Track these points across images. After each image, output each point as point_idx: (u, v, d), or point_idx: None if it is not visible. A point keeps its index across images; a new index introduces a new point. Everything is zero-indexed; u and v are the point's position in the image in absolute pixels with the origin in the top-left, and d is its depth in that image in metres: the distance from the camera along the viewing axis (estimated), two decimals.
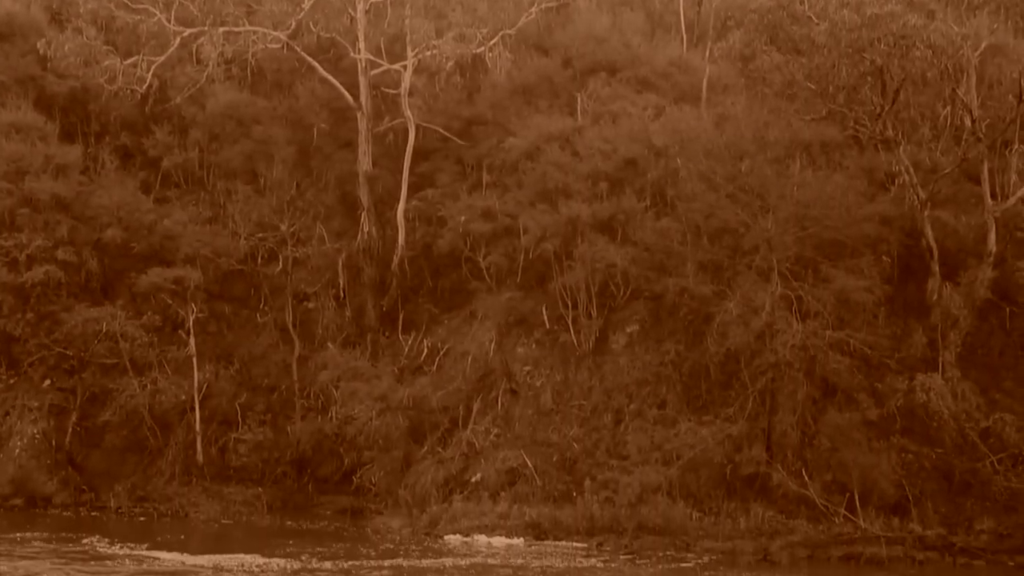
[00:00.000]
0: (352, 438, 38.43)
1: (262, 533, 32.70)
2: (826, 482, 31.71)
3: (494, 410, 38.55)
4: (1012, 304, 33.89)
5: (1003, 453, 30.89)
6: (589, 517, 32.90)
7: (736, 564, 27.60)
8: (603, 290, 38.20)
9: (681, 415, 35.26)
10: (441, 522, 34.36)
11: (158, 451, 39.64)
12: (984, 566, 27.40)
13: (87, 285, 42.02)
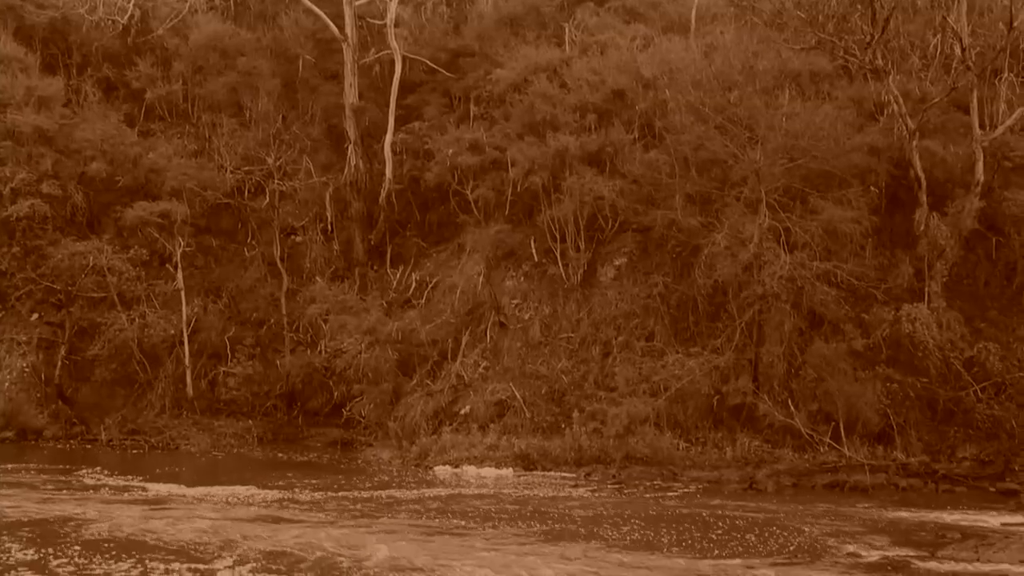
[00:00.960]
0: (341, 371, 38.56)
1: (254, 465, 32.92)
2: (811, 412, 31.95)
3: (483, 343, 38.66)
4: (998, 234, 33.93)
5: (986, 382, 31.15)
6: (577, 448, 33.13)
7: (722, 493, 27.91)
8: (591, 223, 38.14)
9: (669, 347, 35.38)
10: (431, 454, 34.59)
11: (148, 384, 39.76)
12: (966, 492, 27.78)
13: (73, 219, 41.85)
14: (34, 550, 16.00)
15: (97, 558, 15.36)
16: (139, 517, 19.80)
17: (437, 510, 22.81)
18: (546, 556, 16.69)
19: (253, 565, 15.09)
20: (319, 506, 23.02)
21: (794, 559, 17.27)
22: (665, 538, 19.37)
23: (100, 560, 15.22)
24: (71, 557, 15.41)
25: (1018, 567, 16.67)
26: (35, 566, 14.69)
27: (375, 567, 15.29)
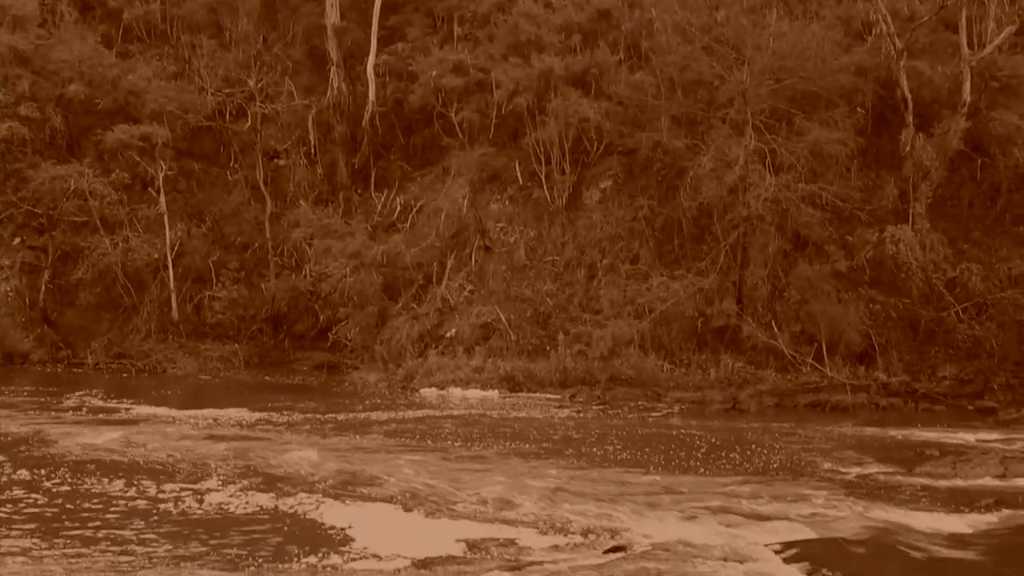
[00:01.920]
0: (327, 295, 38.53)
1: (241, 388, 33.07)
2: (795, 333, 32.17)
3: (468, 266, 38.64)
4: (984, 155, 33.86)
5: (968, 302, 31.38)
6: (562, 370, 33.34)
7: (705, 413, 28.21)
8: (576, 145, 37.90)
9: (653, 269, 35.45)
10: (417, 376, 34.78)
11: (133, 309, 39.72)
12: (945, 410, 28.14)
13: (52, 142, 41.37)
14: (26, 470, 16.10)
15: (89, 478, 15.47)
16: (129, 439, 19.92)
17: (423, 431, 23.02)
18: (529, 474, 16.89)
19: (243, 484, 15.24)
20: (307, 428, 23.20)
21: (776, 476, 17.53)
22: (649, 456, 19.62)
23: (92, 480, 15.34)
24: (63, 478, 15.51)
25: (994, 481, 16.97)
26: (28, 486, 14.78)
27: (361, 485, 15.46)
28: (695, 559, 10.81)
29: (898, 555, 11.33)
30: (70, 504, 13.71)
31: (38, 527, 12.17)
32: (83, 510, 13.33)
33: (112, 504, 13.80)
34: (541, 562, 11.11)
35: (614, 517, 13.61)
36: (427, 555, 11.37)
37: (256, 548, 11.47)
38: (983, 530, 13.02)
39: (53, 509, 13.32)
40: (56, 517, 12.80)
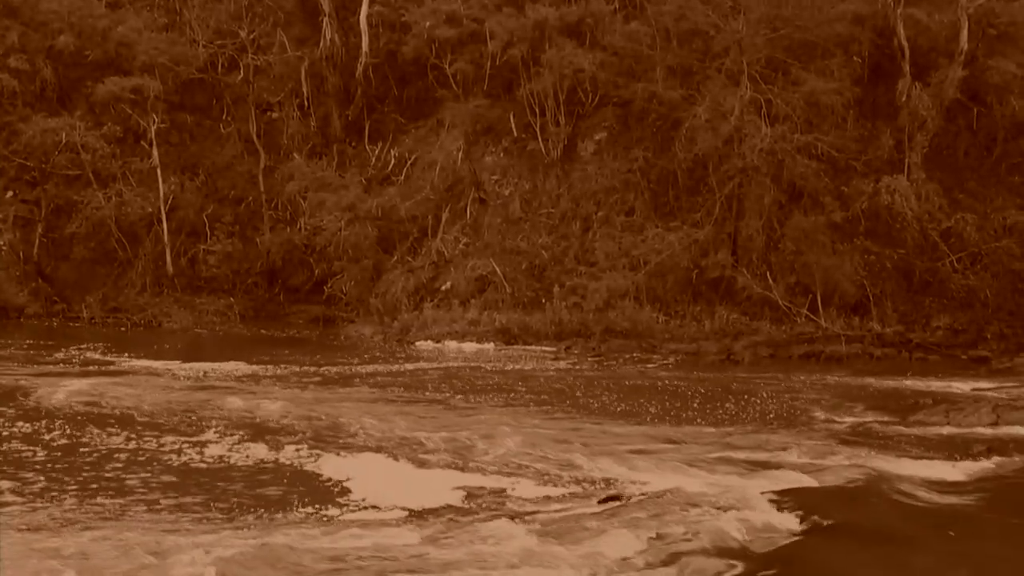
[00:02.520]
0: (321, 248, 38.49)
1: (237, 341, 33.10)
2: (790, 284, 32.24)
3: (463, 219, 38.56)
4: (980, 104, 33.74)
5: (962, 252, 31.45)
6: (558, 322, 33.42)
7: (700, 364, 28.31)
8: (571, 97, 37.66)
9: (648, 221, 35.41)
10: (412, 329, 34.84)
11: (127, 263, 39.66)
12: (938, 360, 28.27)
13: (43, 94, 41.04)
14: (24, 423, 16.13)
15: (89, 431, 15.52)
16: (127, 392, 19.96)
17: (419, 383, 23.10)
18: (525, 425, 16.99)
19: (241, 436, 15.31)
20: (304, 381, 23.27)
21: (770, 426, 17.63)
22: (644, 407, 19.72)
23: (92, 433, 15.38)
24: (63, 430, 15.56)
25: (986, 429, 17.11)
26: (28, 439, 14.82)
27: (358, 437, 15.54)
28: (689, 507, 10.91)
29: (891, 502, 11.44)
30: (71, 456, 13.77)
31: (40, 479, 12.24)
32: (85, 462, 13.39)
33: (113, 456, 13.87)
34: (537, 511, 11.20)
35: (609, 467, 13.70)
36: (424, 505, 11.45)
37: (256, 499, 11.54)
38: (975, 477, 13.14)
39: (54, 461, 13.38)
40: (57, 469, 12.86)
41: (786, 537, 9.98)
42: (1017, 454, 14.78)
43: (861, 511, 11.00)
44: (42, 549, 8.60)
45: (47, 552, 8.51)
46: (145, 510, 10.93)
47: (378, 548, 9.33)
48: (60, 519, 10.37)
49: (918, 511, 11.17)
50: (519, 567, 8.68)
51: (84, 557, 8.37)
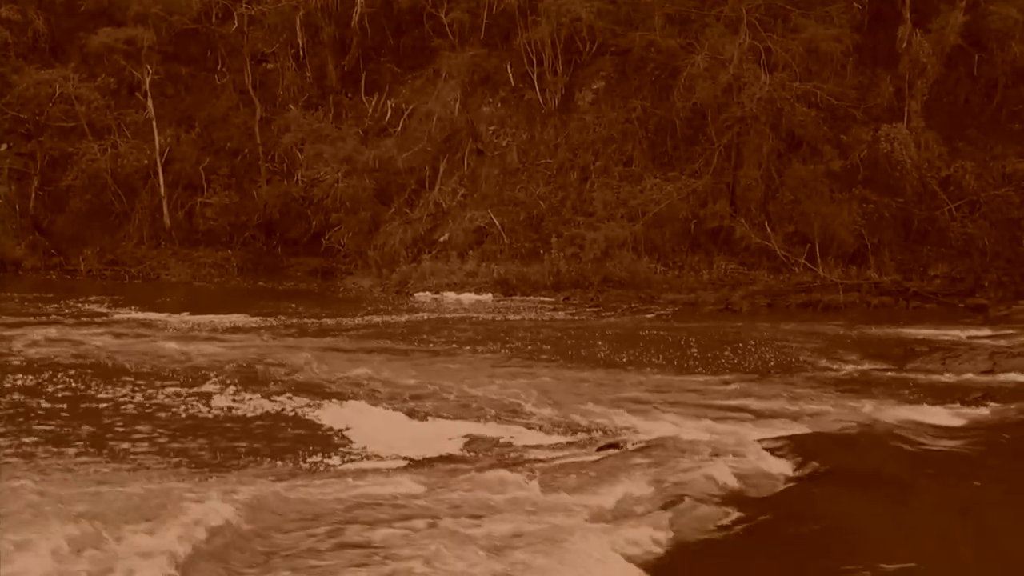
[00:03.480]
0: (319, 200, 38.41)
1: (237, 294, 33.15)
2: (788, 234, 32.25)
3: (460, 170, 38.44)
4: (981, 50, 33.49)
5: (961, 201, 31.42)
6: (555, 273, 33.46)
7: (698, 314, 28.37)
8: (569, 46, 37.36)
9: (647, 171, 35.31)
10: (410, 281, 34.88)
11: (124, 215, 39.60)
12: (936, 308, 28.36)
13: (35, 46, 40.72)
14: (28, 375, 16.18)
15: (93, 384, 15.57)
16: (128, 344, 20.02)
17: (418, 335, 23.17)
18: (524, 375, 17.07)
19: (242, 388, 15.38)
20: (302, 332, 23.34)
21: (767, 375, 17.71)
22: (642, 357, 19.79)
23: (96, 386, 15.43)
24: (67, 383, 15.60)
25: (983, 377, 17.19)
26: (31, 391, 14.87)
27: (358, 388, 15.62)
28: (686, 454, 10.99)
29: (886, 448, 11.54)
30: (75, 407, 13.84)
31: (43, 430, 12.31)
32: (88, 413, 13.46)
33: (117, 407, 13.94)
34: (536, 460, 11.29)
35: (607, 416, 13.78)
36: (424, 454, 11.54)
37: (258, 449, 11.63)
38: (971, 423, 13.23)
39: (57, 413, 13.44)
40: (61, 420, 12.93)
41: (782, 483, 10.08)
42: (1012, 401, 14.88)
43: (857, 457, 11.09)
44: (46, 497, 8.67)
45: (51, 501, 8.58)
46: (149, 460, 11.01)
47: (379, 496, 9.41)
48: (64, 468, 10.46)
49: (913, 456, 11.27)
50: (518, 514, 8.77)
51: (89, 505, 8.45)
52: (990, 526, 9.12)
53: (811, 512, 9.33)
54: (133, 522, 8.11)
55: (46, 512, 8.19)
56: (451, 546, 7.79)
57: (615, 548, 7.89)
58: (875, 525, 8.94)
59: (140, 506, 8.56)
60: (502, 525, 8.43)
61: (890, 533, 8.71)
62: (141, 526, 8.01)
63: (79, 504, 8.47)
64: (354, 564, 7.58)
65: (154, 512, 8.40)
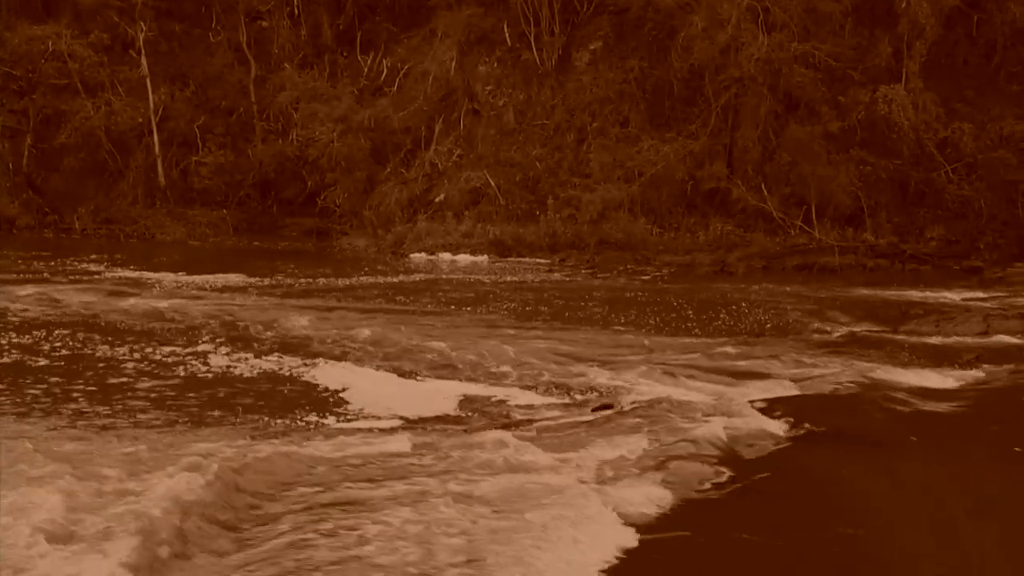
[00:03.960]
0: (314, 160, 38.26)
1: (232, 254, 33.10)
2: (784, 196, 32.18)
3: (456, 130, 38.27)
4: (980, 11, 33.25)
5: (958, 163, 31.34)
6: (552, 234, 33.42)
7: (694, 276, 28.39)
8: (566, 5, 37.09)
9: (644, 132, 35.17)
10: (406, 241, 34.84)
11: (119, 174, 39.42)
12: (931, 271, 28.42)
13: (28, 1, 40.30)
14: (24, 333, 16.18)
15: (89, 342, 15.58)
16: (125, 304, 20.01)
17: (413, 295, 23.19)
18: (519, 336, 17.10)
19: (238, 347, 15.39)
20: (298, 292, 23.34)
21: (762, 336, 17.76)
22: (637, 318, 19.83)
23: (94, 344, 15.43)
24: (64, 341, 15.60)
25: (975, 338, 17.27)
26: (28, 350, 14.88)
27: (353, 348, 15.64)
28: (680, 415, 11.05)
29: (880, 409, 11.60)
30: (73, 365, 13.86)
31: (41, 388, 12.33)
32: (86, 371, 13.49)
33: (115, 365, 13.96)
34: (531, 420, 11.35)
35: (602, 376, 13.83)
36: (420, 414, 11.59)
37: (254, 408, 11.67)
38: (964, 385, 13.31)
39: (55, 371, 13.46)
40: (59, 378, 12.96)
41: (775, 443, 10.14)
42: (1006, 362, 14.95)
43: (850, 418, 11.16)
44: (41, 453, 8.71)
45: (46, 456, 8.62)
46: (148, 418, 11.05)
47: (374, 455, 9.47)
48: (63, 426, 10.49)
49: (906, 418, 11.34)
50: (512, 473, 8.83)
51: (83, 462, 8.49)
52: (980, 486, 9.19)
53: (804, 472, 9.40)
54: (127, 478, 8.16)
55: (41, 467, 8.22)
56: (447, 504, 7.85)
57: (610, 506, 7.95)
58: (867, 484, 9.01)
59: (134, 462, 8.61)
60: (497, 484, 8.49)
61: (881, 492, 8.78)
62: (135, 482, 8.06)
63: (73, 460, 8.51)
64: (349, 521, 7.64)
65: (148, 468, 8.45)
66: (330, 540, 7.21)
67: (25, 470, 8.23)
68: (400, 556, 6.84)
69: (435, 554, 6.89)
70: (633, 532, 7.56)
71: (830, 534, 7.80)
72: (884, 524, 7.86)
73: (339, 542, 7.18)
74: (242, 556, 7.01)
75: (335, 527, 7.50)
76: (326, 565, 6.75)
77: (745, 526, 8.03)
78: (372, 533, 7.33)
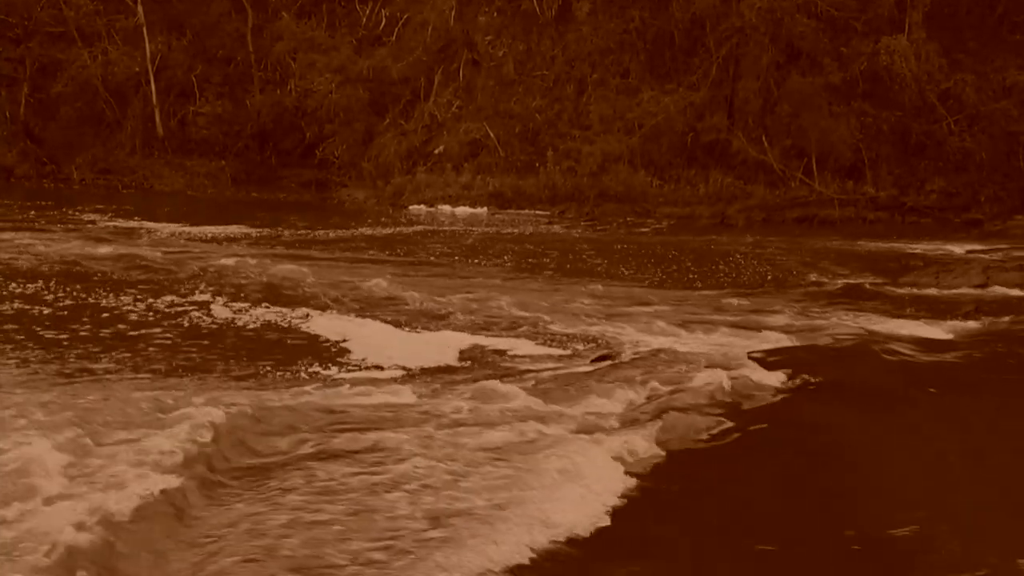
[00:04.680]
0: (312, 111, 38.07)
1: (230, 205, 33.05)
2: (785, 148, 32.08)
3: (456, 81, 38.03)
4: None
5: (959, 114, 31.18)
6: (551, 186, 33.35)
7: (694, 228, 28.39)
8: None
9: (644, 84, 34.96)
10: (405, 193, 34.78)
11: (116, 124, 39.21)
12: (931, 223, 28.43)
13: None
14: (23, 283, 16.16)
15: (94, 292, 15.56)
16: (125, 253, 19.97)
17: (413, 247, 23.20)
18: (519, 288, 17.13)
19: (240, 298, 15.40)
20: (298, 243, 23.34)
21: (762, 288, 17.80)
22: (636, 271, 19.86)
23: (97, 294, 15.42)
24: (68, 292, 15.58)
25: (973, 290, 17.33)
26: (31, 299, 14.86)
27: (354, 299, 15.67)
28: (679, 366, 11.09)
29: (878, 360, 11.65)
30: (74, 315, 13.86)
31: (42, 337, 12.36)
32: (87, 321, 13.50)
33: (116, 316, 13.97)
34: (531, 371, 11.39)
35: (602, 328, 13.86)
36: (421, 365, 11.63)
37: (255, 359, 11.70)
38: (963, 336, 13.35)
39: (56, 320, 13.48)
40: (60, 327, 12.98)
41: (774, 394, 10.19)
42: (1005, 314, 15.00)
43: (848, 369, 11.21)
44: (39, 404, 8.75)
45: (43, 406, 8.66)
46: (147, 368, 11.08)
47: (374, 406, 9.50)
48: (62, 375, 10.53)
49: (905, 369, 11.39)
50: (513, 423, 8.88)
51: (81, 411, 8.52)
52: (978, 435, 9.27)
53: (802, 422, 9.46)
54: (125, 428, 8.20)
55: (38, 418, 8.25)
56: (447, 453, 7.91)
57: (609, 455, 8.01)
58: (864, 434, 9.08)
59: (133, 412, 8.63)
60: (497, 434, 8.54)
61: (879, 442, 8.85)
62: (133, 432, 8.09)
63: (71, 410, 8.54)
64: (351, 469, 7.70)
65: (147, 419, 8.48)
66: (334, 490, 7.27)
67: (15, 421, 8.23)
68: (403, 503, 6.90)
69: (437, 502, 6.95)
70: (632, 480, 7.63)
71: (827, 482, 7.88)
72: (881, 473, 7.94)
73: (344, 491, 7.23)
74: (243, 507, 7.08)
75: (339, 476, 7.56)
76: (331, 514, 6.82)
77: (743, 476, 8.11)
78: (378, 480, 7.39)
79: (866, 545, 6.60)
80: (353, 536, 6.39)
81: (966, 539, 6.62)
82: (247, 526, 6.65)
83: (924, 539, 6.70)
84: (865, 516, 7.08)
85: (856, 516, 7.10)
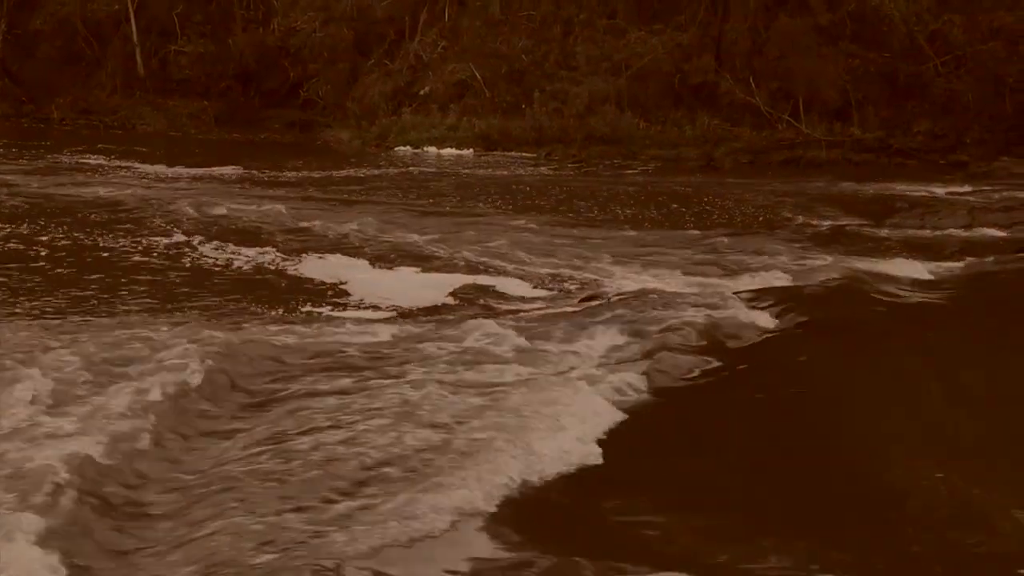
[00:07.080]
0: (296, 51, 37.66)
1: (214, 145, 32.78)
2: (772, 90, 31.96)
3: (441, 21, 37.66)
4: None
5: (947, 56, 31.09)
6: (538, 128, 33.18)
7: (680, 170, 28.35)
8: None
9: (631, 24, 34.71)
10: (391, 134, 34.55)
11: (96, 63, 38.70)
12: (917, 165, 28.45)
13: None
14: (21, 224, 16.04)
15: (92, 233, 15.46)
16: (114, 194, 19.84)
17: (399, 188, 23.14)
18: (507, 230, 17.15)
19: (232, 240, 15.32)
20: (284, 184, 23.25)
21: (748, 230, 17.86)
22: (623, 212, 19.89)
23: (94, 234, 15.34)
24: (65, 232, 15.47)
25: (959, 231, 17.46)
26: (27, 240, 14.78)
27: (344, 241, 15.66)
28: (666, 306, 11.13)
29: (864, 299, 11.74)
30: (65, 255, 13.82)
31: (33, 277, 12.32)
32: (79, 260, 13.47)
33: (103, 255, 13.95)
34: (519, 310, 11.45)
35: (589, 269, 13.93)
36: (412, 305, 11.67)
37: (245, 299, 11.71)
38: (947, 277, 13.46)
39: (47, 259, 13.43)
40: (51, 266, 12.95)
41: (759, 334, 10.26)
42: (989, 254, 15.14)
43: (834, 308, 11.30)
44: (25, 345, 8.74)
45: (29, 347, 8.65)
46: (136, 306, 11.08)
47: (363, 345, 9.54)
48: (52, 313, 10.52)
49: (889, 308, 11.49)
50: (503, 362, 8.95)
51: (68, 352, 8.52)
52: (957, 372, 9.42)
53: (788, 360, 9.56)
54: (113, 367, 8.22)
55: (23, 359, 8.25)
56: (438, 390, 7.96)
57: (596, 393, 8.09)
58: (847, 373, 9.19)
59: (121, 353, 8.64)
60: (486, 373, 8.61)
61: (861, 380, 8.96)
62: (120, 371, 8.11)
63: (58, 351, 8.54)
64: (338, 402, 7.76)
65: (135, 359, 8.49)
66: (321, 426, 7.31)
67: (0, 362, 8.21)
68: (388, 440, 6.96)
69: (429, 437, 7.01)
70: (621, 417, 7.72)
71: (809, 419, 8.00)
72: (861, 410, 8.05)
73: (332, 427, 7.28)
74: (228, 444, 7.13)
75: (327, 410, 7.61)
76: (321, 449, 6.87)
77: (732, 412, 8.21)
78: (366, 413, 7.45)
79: (852, 478, 6.73)
80: (342, 470, 6.45)
81: (949, 475, 6.73)
82: (238, 462, 6.71)
83: (908, 470, 6.83)
84: (841, 451, 7.24)
85: (832, 451, 7.25)
